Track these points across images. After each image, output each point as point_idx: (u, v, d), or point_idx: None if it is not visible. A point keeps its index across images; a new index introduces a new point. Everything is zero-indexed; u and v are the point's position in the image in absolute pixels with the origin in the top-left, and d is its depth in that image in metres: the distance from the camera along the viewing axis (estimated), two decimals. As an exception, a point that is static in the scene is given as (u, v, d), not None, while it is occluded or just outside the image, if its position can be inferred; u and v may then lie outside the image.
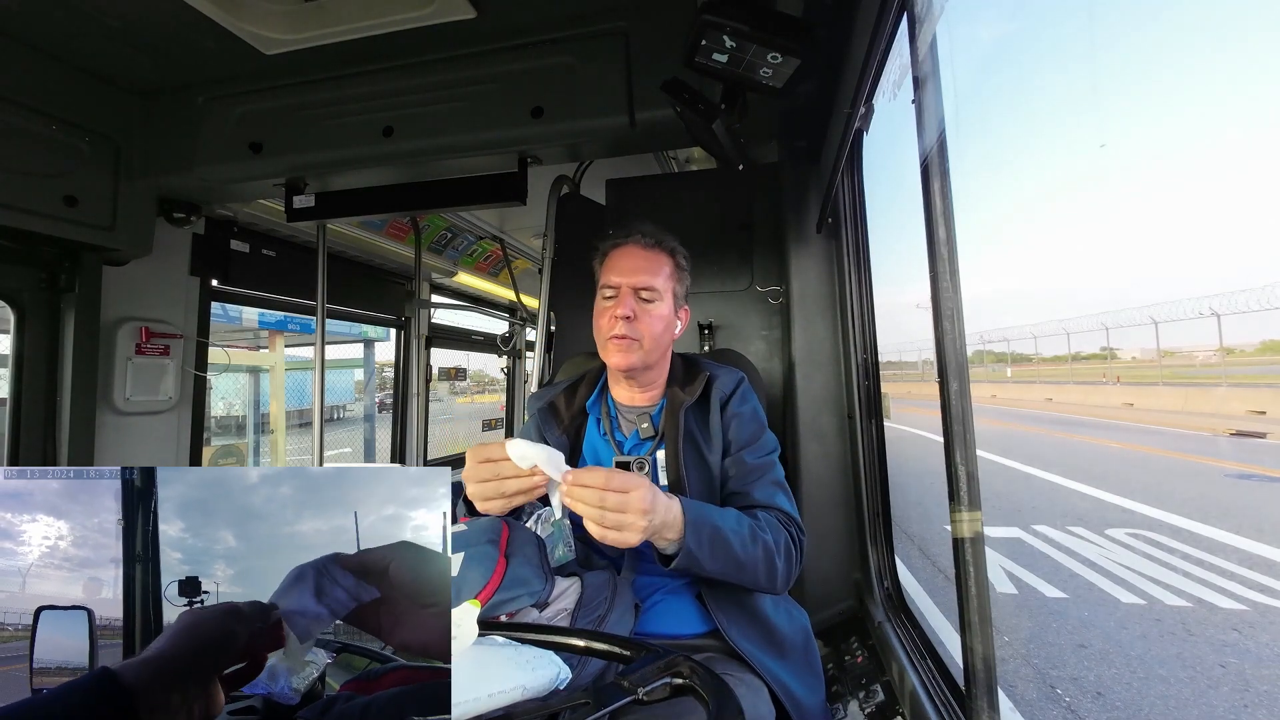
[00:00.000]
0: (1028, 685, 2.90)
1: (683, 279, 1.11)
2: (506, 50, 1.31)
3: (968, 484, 0.65)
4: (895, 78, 0.95)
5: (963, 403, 0.66)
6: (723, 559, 0.86)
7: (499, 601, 0.80)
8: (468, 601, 0.64)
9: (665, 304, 1.06)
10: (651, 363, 1.07)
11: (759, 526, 0.93)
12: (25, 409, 1.48)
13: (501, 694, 0.55)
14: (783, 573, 0.92)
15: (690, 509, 0.85)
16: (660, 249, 1.08)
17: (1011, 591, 4.01)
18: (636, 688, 0.50)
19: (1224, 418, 11.85)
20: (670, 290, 1.07)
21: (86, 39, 1.28)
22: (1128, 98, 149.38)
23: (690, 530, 0.83)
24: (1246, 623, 3.43)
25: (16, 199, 1.30)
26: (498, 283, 3.68)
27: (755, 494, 1.01)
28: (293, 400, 8.27)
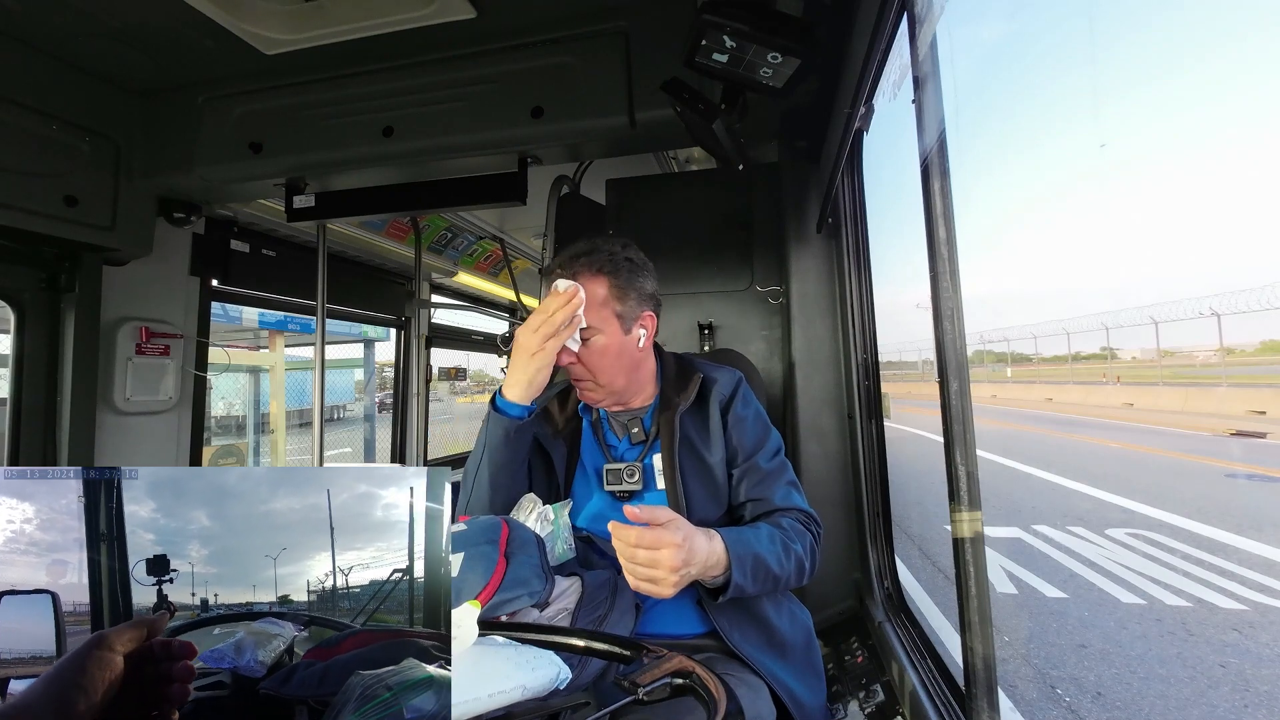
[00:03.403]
0: (1028, 685, 2.90)
1: (626, 292, 1.03)
2: (506, 50, 1.31)
3: (968, 484, 0.65)
4: (895, 78, 0.95)
5: (963, 403, 0.66)
6: (763, 581, 0.89)
7: (499, 602, 0.80)
8: (468, 602, 0.64)
9: (608, 333, 1.02)
10: (619, 388, 1.06)
11: (788, 537, 0.95)
12: (25, 409, 1.48)
13: (501, 694, 0.55)
14: (808, 572, 0.97)
15: (732, 543, 0.87)
16: (586, 274, 1.02)
17: (1011, 591, 4.01)
18: (636, 688, 0.51)
19: (1224, 418, 11.84)
20: (611, 313, 1.02)
21: (86, 39, 1.28)
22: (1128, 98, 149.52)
23: (736, 565, 0.86)
24: (1247, 623, 3.43)
25: (16, 199, 1.30)
26: (498, 283, 3.68)
27: (775, 499, 1.03)
28: (293, 400, 8.28)
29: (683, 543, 0.78)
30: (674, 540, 0.78)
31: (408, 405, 2.99)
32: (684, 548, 0.78)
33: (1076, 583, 4.08)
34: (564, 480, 1.10)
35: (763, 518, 1.01)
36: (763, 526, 0.96)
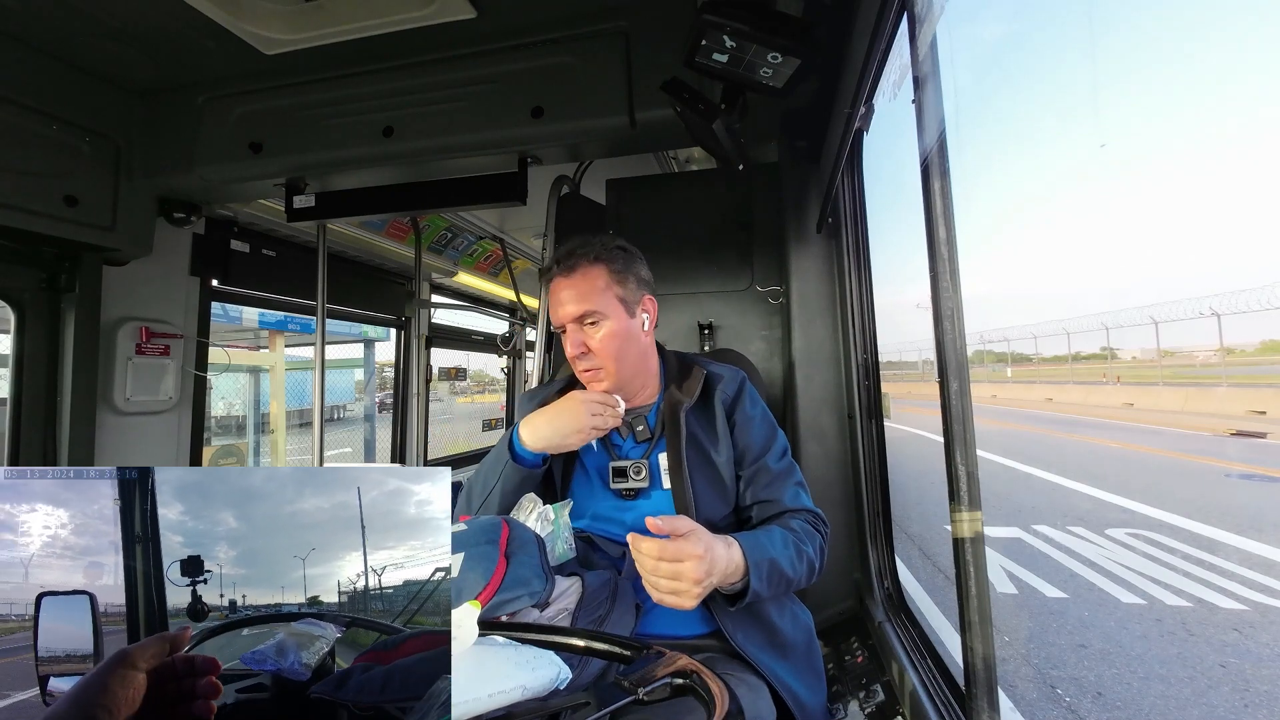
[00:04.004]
0: (1028, 685, 2.90)
1: (626, 279, 1.06)
2: (506, 50, 1.31)
3: (968, 484, 0.65)
4: (895, 78, 0.95)
5: (963, 403, 0.66)
6: (777, 585, 0.90)
7: (499, 603, 0.80)
8: (468, 603, 0.64)
9: (614, 317, 1.04)
10: (628, 377, 1.07)
11: (800, 540, 0.95)
12: (25, 409, 1.48)
13: (501, 694, 0.55)
14: (816, 573, 0.97)
15: (750, 549, 0.87)
16: (584, 265, 1.04)
17: (1011, 591, 4.01)
18: (636, 688, 0.50)
19: (1224, 418, 11.84)
20: (614, 299, 1.04)
21: (86, 39, 1.28)
22: (1128, 97, 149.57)
23: (754, 572, 0.86)
24: (1247, 623, 3.43)
25: (16, 199, 1.30)
26: (498, 283, 3.68)
27: (785, 500, 1.03)
28: (293, 400, 8.27)
29: (705, 554, 0.78)
30: (696, 552, 0.77)
31: (408, 405, 2.99)
32: (706, 559, 0.78)
33: (1076, 583, 4.08)
34: (561, 481, 1.10)
35: (772, 519, 1.01)
36: (775, 530, 0.96)
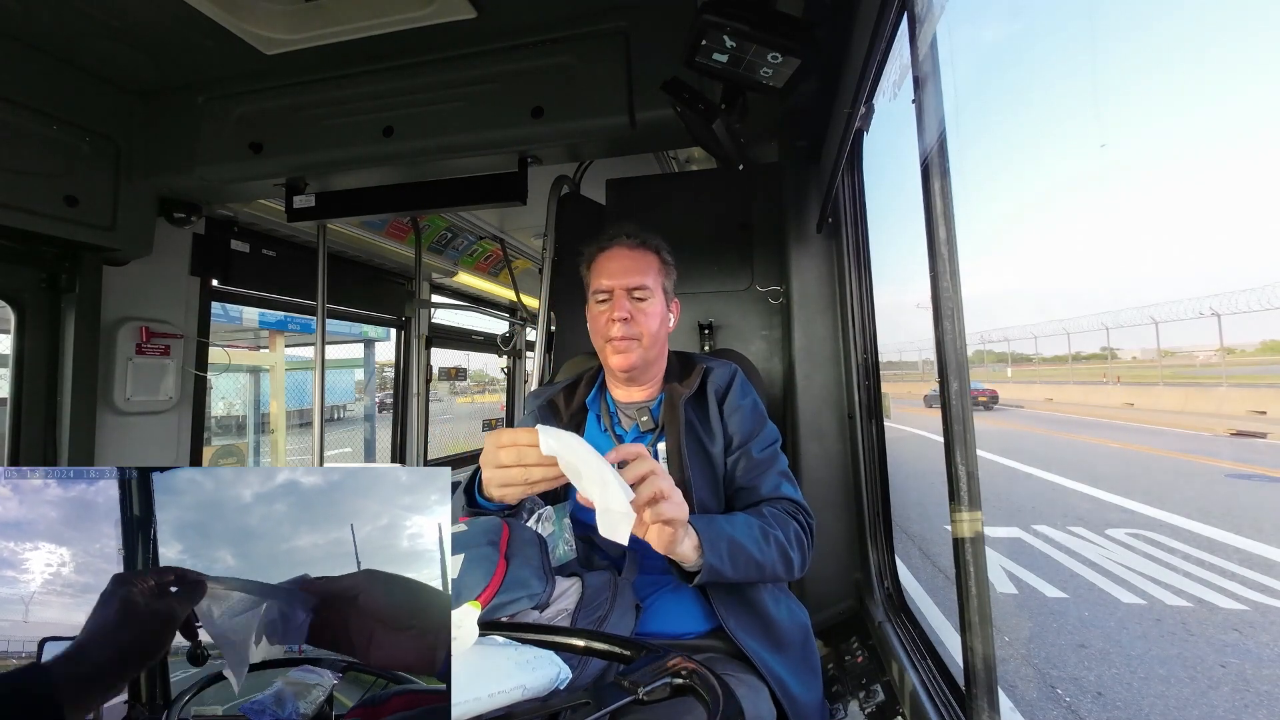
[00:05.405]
0: (1028, 685, 2.90)
1: (669, 274, 1.14)
2: (506, 50, 1.31)
3: (968, 484, 0.65)
4: (895, 78, 0.95)
5: (963, 403, 0.66)
6: (744, 565, 0.88)
7: (499, 604, 0.80)
8: (468, 603, 0.64)
9: (658, 300, 1.09)
10: (651, 359, 1.09)
11: (767, 524, 0.94)
12: (25, 409, 1.48)
13: (501, 694, 0.55)
14: (797, 562, 0.95)
15: (701, 526, 0.85)
16: (645, 247, 1.10)
17: (1012, 591, 4.01)
18: (636, 688, 0.50)
19: (1224, 418, 11.85)
20: (660, 286, 1.10)
21: (86, 39, 1.28)
22: (1128, 97, 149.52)
23: (707, 546, 0.84)
24: (1247, 623, 3.43)
25: (17, 199, 1.30)
26: (498, 283, 3.68)
27: (763, 487, 1.03)
28: (293, 400, 8.26)
29: (657, 468, 0.76)
30: (651, 467, 0.75)
31: (408, 405, 3.00)
32: (660, 474, 0.75)
33: (1076, 583, 4.08)
34: None
35: (748, 508, 1.01)
36: (738, 515, 0.95)
